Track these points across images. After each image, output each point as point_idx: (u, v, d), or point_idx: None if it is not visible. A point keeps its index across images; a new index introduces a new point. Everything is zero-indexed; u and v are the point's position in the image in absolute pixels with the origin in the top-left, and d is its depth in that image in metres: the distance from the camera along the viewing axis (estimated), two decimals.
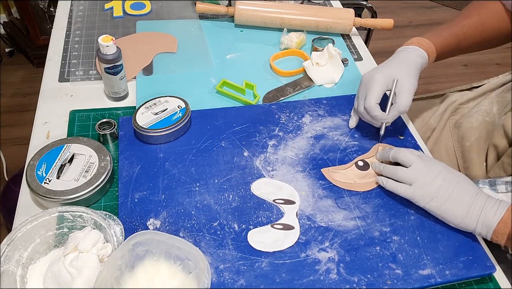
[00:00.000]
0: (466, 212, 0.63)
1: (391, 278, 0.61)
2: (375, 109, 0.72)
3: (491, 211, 0.62)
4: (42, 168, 0.68)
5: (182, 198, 0.68)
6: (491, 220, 0.61)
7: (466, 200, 0.63)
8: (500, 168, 0.80)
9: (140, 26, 1.03)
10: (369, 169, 0.74)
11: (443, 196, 0.64)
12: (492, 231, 0.61)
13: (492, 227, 0.61)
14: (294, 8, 1.02)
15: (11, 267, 0.57)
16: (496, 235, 0.62)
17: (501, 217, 0.61)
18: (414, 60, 0.74)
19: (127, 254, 0.57)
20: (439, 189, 0.64)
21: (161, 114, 0.76)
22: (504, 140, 0.81)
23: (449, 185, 0.64)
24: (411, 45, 0.77)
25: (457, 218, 0.63)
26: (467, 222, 0.63)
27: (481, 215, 0.62)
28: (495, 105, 0.87)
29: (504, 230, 0.61)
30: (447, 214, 0.64)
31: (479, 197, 0.63)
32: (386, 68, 0.74)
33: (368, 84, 0.74)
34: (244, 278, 0.60)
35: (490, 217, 0.61)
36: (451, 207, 0.63)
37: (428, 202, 0.65)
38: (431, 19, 2.73)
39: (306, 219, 0.67)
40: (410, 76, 0.73)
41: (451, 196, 0.64)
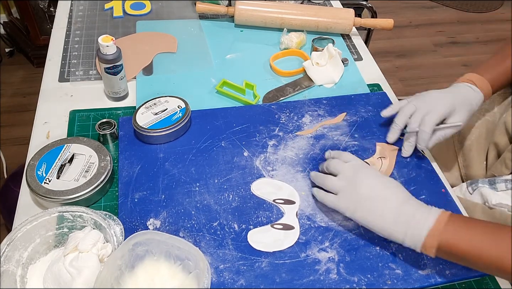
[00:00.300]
0: (391, 222, 0.59)
1: (391, 278, 0.61)
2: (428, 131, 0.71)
3: (419, 222, 0.57)
4: (42, 168, 0.68)
5: (182, 198, 0.68)
6: (419, 233, 0.57)
7: (391, 210, 0.59)
8: (501, 164, 0.79)
9: (140, 26, 1.03)
10: None
11: (366, 206, 0.60)
12: (421, 245, 0.57)
13: (420, 241, 0.57)
14: (294, 8, 1.02)
15: (11, 267, 0.57)
16: (424, 248, 0.58)
17: (429, 230, 0.57)
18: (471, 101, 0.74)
19: (127, 254, 0.57)
20: (362, 199, 0.60)
21: (161, 114, 0.76)
22: (505, 137, 0.81)
23: (374, 194, 0.60)
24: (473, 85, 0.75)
25: (383, 228, 0.59)
26: (395, 234, 0.59)
27: (409, 226, 0.58)
28: (496, 103, 0.87)
29: (432, 242, 0.57)
30: (373, 225, 0.60)
31: (407, 206, 0.59)
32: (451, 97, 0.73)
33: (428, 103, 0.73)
34: (244, 278, 0.60)
35: (418, 229, 0.57)
36: (377, 218, 0.60)
37: (352, 212, 0.61)
38: (431, 19, 2.73)
39: (306, 219, 0.67)
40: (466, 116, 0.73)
41: (375, 205, 0.60)
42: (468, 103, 0.73)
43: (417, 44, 2.51)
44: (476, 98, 0.74)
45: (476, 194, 0.75)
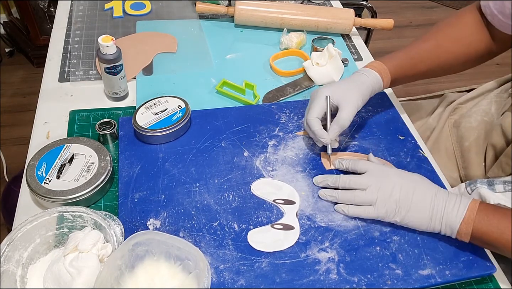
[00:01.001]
0: (429, 217, 0.63)
1: (391, 278, 0.61)
2: (315, 123, 0.71)
3: (453, 211, 0.62)
4: (42, 168, 0.68)
5: (182, 198, 0.68)
6: (454, 221, 0.62)
7: (427, 205, 0.63)
8: (498, 168, 0.80)
9: (140, 26, 1.03)
10: None
11: (404, 207, 0.64)
12: (456, 232, 0.62)
13: (456, 228, 0.62)
14: (294, 8, 1.02)
15: (11, 267, 0.57)
16: (460, 235, 0.62)
17: (463, 218, 0.61)
18: (364, 82, 0.74)
19: (127, 254, 0.57)
20: (399, 202, 0.64)
21: (161, 115, 0.76)
22: (502, 139, 0.81)
23: (407, 194, 0.64)
24: (364, 68, 0.77)
25: (423, 224, 0.64)
26: (433, 226, 0.63)
27: (444, 217, 0.62)
28: (494, 105, 0.87)
29: (467, 229, 0.61)
30: (413, 223, 0.64)
31: (438, 198, 0.63)
32: (331, 86, 0.74)
33: (312, 100, 0.74)
34: (244, 278, 0.60)
35: (453, 218, 0.62)
36: (415, 216, 0.64)
37: (392, 217, 0.65)
38: (431, 19, 2.73)
39: (306, 219, 0.67)
40: (354, 95, 0.72)
41: (411, 205, 0.64)
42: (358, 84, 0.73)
43: None
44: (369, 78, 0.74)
45: (475, 194, 0.75)
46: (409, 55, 0.78)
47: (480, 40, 0.78)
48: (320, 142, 0.73)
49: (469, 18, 0.79)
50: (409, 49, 0.79)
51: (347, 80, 0.75)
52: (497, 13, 0.73)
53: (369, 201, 0.66)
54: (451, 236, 0.63)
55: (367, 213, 0.66)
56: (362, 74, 0.75)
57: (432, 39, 0.79)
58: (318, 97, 0.73)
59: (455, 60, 0.79)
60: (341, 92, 0.72)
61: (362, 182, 0.67)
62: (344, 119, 0.70)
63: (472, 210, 0.62)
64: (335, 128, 0.71)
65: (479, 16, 0.78)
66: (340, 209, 0.68)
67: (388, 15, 2.52)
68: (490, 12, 0.75)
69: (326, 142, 0.71)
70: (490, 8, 0.74)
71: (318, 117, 0.72)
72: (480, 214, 0.61)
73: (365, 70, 0.76)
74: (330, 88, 0.73)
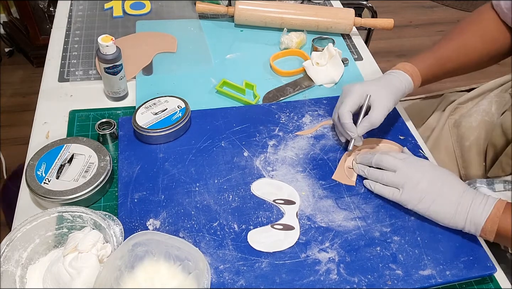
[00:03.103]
0: (454, 212, 0.63)
1: (391, 278, 0.61)
2: (346, 116, 0.72)
3: (479, 209, 0.62)
4: (41, 168, 0.68)
5: (182, 198, 0.68)
6: (479, 218, 0.62)
7: (453, 200, 0.64)
8: (498, 167, 0.80)
9: (140, 26, 1.03)
10: None
11: (430, 198, 0.64)
12: (481, 229, 0.62)
13: (480, 225, 0.62)
14: (294, 8, 1.02)
15: (10, 268, 0.57)
16: (484, 233, 0.62)
17: (488, 215, 0.61)
18: (397, 84, 0.75)
19: (126, 254, 0.56)
20: (425, 191, 0.65)
21: (161, 114, 0.76)
22: (502, 139, 0.81)
23: (435, 186, 0.65)
24: (397, 70, 0.77)
25: (446, 217, 0.64)
26: (456, 221, 0.64)
27: (469, 213, 0.63)
28: (494, 105, 0.87)
29: (492, 227, 0.61)
30: (436, 215, 0.65)
31: (466, 195, 0.64)
32: (367, 84, 0.74)
33: (346, 94, 0.75)
34: (244, 279, 0.60)
35: (478, 215, 0.62)
36: (439, 208, 0.64)
37: (416, 204, 0.65)
38: (431, 19, 2.73)
39: (306, 219, 0.67)
40: (387, 96, 0.73)
41: (438, 197, 0.64)
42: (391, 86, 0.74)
43: (417, 44, 2.51)
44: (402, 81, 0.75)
45: None
46: (437, 55, 0.79)
47: (504, 36, 0.79)
48: (345, 136, 0.74)
49: (490, 15, 0.80)
50: (436, 50, 0.80)
51: (382, 81, 0.76)
52: (507, 11, 0.75)
53: (396, 183, 0.67)
54: (475, 234, 0.63)
55: (392, 194, 0.67)
56: (397, 78, 0.75)
57: (457, 37, 0.80)
58: (354, 92, 0.73)
59: (481, 57, 0.80)
60: (375, 92, 0.73)
61: (394, 163, 0.67)
62: (375, 118, 0.71)
63: (498, 208, 0.61)
64: (365, 126, 0.72)
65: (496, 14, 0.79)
66: (367, 184, 0.70)
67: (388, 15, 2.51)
68: (501, 11, 0.77)
69: (353, 137, 0.72)
70: (501, 7, 0.76)
71: (351, 111, 0.73)
72: (507, 213, 0.61)
73: (399, 73, 0.76)
74: (366, 86, 0.74)
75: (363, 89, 0.73)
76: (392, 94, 0.73)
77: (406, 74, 0.76)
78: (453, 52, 0.79)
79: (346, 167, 0.74)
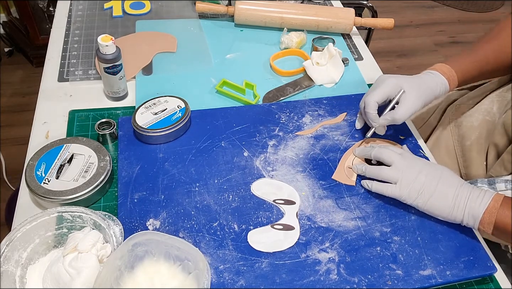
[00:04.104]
0: (452, 205, 0.64)
1: (391, 278, 0.61)
2: (372, 106, 0.73)
3: (477, 201, 0.63)
4: (41, 168, 0.68)
5: (182, 198, 0.68)
6: (477, 210, 0.62)
7: (451, 193, 0.64)
8: (500, 166, 0.79)
9: (140, 26, 1.03)
10: None
11: (428, 191, 0.65)
12: (479, 221, 0.62)
13: (479, 217, 0.62)
14: (294, 8, 1.02)
15: (10, 268, 0.57)
16: (482, 225, 0.63)
17: (487, 207, 0.62)
18: (432, 86, 0.75)
19: (126, 254, 0.56)
20: (423, 185, 0.65)
21: (160, 114, 0.76)
22: (504, 138, 0.81)
23: (433, 180, 0.65)
24: (435, 71, 0.77)
25: (444, 211, 0.64)
26: (455, 215, 0.64)
27: (467, 206, 0.63)
28: (495, 104, 0.87)
29: (490, 219, 0.62)
30: (434, 209, 0.65)
31: (463, 189, 0.64)
32: (403, 79, 0.75)
33: (378, 84, 0.75)
34: (244, 279, 0.60)
35: (476, 207, 0.62)
36: (437, 202, 0.64)
37: (415, 199, 0.66)
38: (431, 19, 2.73)
39: (306, 219, 0.67)
40: (418, 97, 0.73)
41: (436, 190, 0.65)
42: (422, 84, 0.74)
43: (418, 44, 2.51)
44: (436, 82, 0.75)
45: None
46: (475, 58, 0.79)
47: None
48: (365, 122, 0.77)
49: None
50: (474, 52, 0.80)
51: (418, 80, 0.75)
52: None
53: (394, 178, 0.66)
54: (473, 227, 0.64)
55: (390, 190, 0.67)
56: (433, 80, 0.75)
57: (495, 39, 0.80)
58: (386, 84, 0.73)
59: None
60: (408, 89, 0.73)
61: (393, 157, 0.68)
62: (400, 115, 0.72)
63: (496, 200, 0.62)
64: (387, 119, 0.73)
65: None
66: (365, 184, 0.70)
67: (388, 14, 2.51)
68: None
69: (374, 126, 0.74)
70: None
71: (378, 102, 0.73)
72: (505, 205, 0.62)
73: (437, 75, 0.76)
74: (401, 80, 0.74)
75: (397, 83, 0.73)
76: (424, 96, 0.73)
77: (443, 77, 0.76)
78: (491, 54, 0.79)
79: (346, 167, 0.74)
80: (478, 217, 0.62)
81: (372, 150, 0.71)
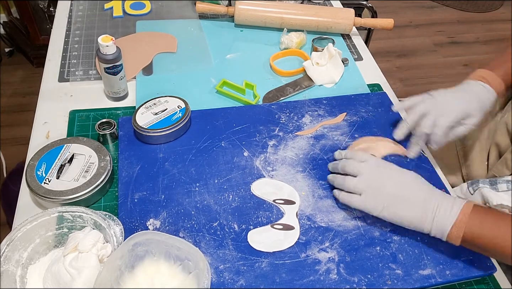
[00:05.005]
0: (419, 216, 0.61)
1: (391, 278, 0.61)
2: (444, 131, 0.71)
3: (445, 214, 0.60)
4: (41, 168, 0.68)
5: (182, 198, 0.68)
6: (444, 224, 0.60)
7: (418, 204, 0.61)
8: (502, 165, 0.79)
9: (140, 26, 1.03)
10: None
11: (394, 203, 0.62)
12: (446, 235, 0.60)
13: (446, 231, 0.60)
14: (294, 8, 1.02)
15: (10, 267, 0.57)
16: (450, 238, 0.60)
17: (454, 221, 0.59)
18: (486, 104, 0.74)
19: (126, 254, 0.56)
20: (388, 197, 0.62)
21: (161, 114, 0.76)
22: (506, 138, 0.81)
23: (400, 191, 0.62)
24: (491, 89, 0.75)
25: (412, 223, 0.62)
26: (422, 227, 0.61)
27: (435, 218, 0.60)
28: (497, 104, 0.87)
29: (457, 233, 0.59)
30: (401, 221, 0.62)
31: (432, 199, 0.61)
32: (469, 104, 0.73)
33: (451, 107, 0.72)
34: (244, 278, 0.60)
35: (443, 221, 0.60)
36: (404, 213, 0.62)
37: (380, 210, 0.62)
38: (431, 19, 2.73)
39: (306, 219, 0.67)
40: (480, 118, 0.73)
41: (402, 202, 0.62)
42: (481, 103, 0.73)
43: (417, 44, 2.51)
44: (489, 97, 0.74)
45: (477, 194, 0.74)
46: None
47: None
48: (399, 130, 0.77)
49: None
50: None
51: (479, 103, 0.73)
52: None
53: (358, 189, 0.63)
54: (441, 238, 0.61)
55: (353, 201, 0.64)
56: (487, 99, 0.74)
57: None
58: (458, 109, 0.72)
59: None
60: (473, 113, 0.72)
61: (358, 167, 0.65)
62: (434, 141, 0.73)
63: (464, 213, 0.59)
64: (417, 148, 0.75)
65: None
66: (335, 193, 0.68)
67: (388, 15, 2.52)
68: None
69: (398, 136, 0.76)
70: None
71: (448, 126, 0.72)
72: (473, 217, 0.59)
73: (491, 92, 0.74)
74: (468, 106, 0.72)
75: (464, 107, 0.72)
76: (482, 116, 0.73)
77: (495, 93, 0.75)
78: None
79: None
80: (446, 231, 0.60)
81: (339, 163, 0.69)
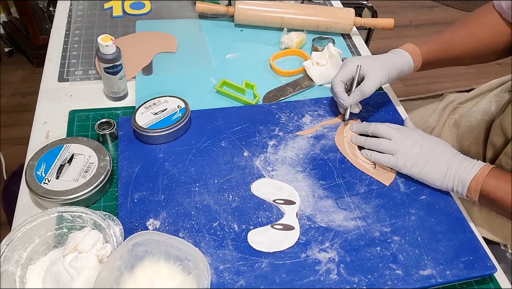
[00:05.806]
0: (444, 174, 0.68)
1: (391, 278, 0.61)
2: (337, 86, 0.77)
3: (466, 170, 0.67)
4: (41, 168, 0.68)
5: (182, 198, 0.68)
6: (465, 178, 0.67)
7: (443, 163, 0.69)
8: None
9: (140, 26, 1.03)
10: None
11: (422, 161, 0.70)
12: (467, 188, 0.67)
13: (467, 184, 0.67)
14: (294, 8, 1.02)
15: (10, 268, 0.57)
16: (470, 192, 0.67)
17: (474, 175, 0.67)
18: (395, 62, 0.78)
19: (126, 254, 0.56)
20: (418, 156, 0.70)
21: (160, 114, 0.76)
22: (501, 138, 0.81)
23: (427, 151, 0.70)
24: (398, 49, 0.81)
25: (437, 179, 0.69)
26: (446, 183, 0.69)
27: (457, 174, 0.68)
28: (494, 104, 0.87)
29: (476, 187, 0.66)
30: (428, 177, 0.70)
31: (456, 158, 0.69)
32: (362, 58, 0.79)
33: (341, 66, 0.79)
34: (244, 279, 0.60)
35: (465, 175, 0.67)
36: (431, 171, 0.69)
37: (410, 168, 0.70)
38: (431, 19, 2.73)
39: (306, 219, 0.67)
40: (381, 69, 0.76)
41: (429, 160, 0.69)
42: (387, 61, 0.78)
43: None
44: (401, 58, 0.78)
45: None
46: (442, 40, 0.82)
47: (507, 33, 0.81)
48: (340, 105, 0.80)
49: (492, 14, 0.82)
50: (442, 35, 0.83)
51: (380, 56, 0.79)
52: (508, 10, 0.78)
53: (391, 150, 0.72)
54: (462, 194, 0.68)
55: (387, 160, 0.72)
56: (396, 55, 0.79)
57: (464, 26, 0.83)
58: (348, 64, 0.78)
59: (486, 48, 0.83)
60: (370, 65, 0.77)
61: (390, 132, 0.73)
62: (366, 87, 0.76)
63: (484, 170, 0.67)
64: (357, 95, 0.77)
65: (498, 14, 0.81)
66: (364, 153, 0.75)
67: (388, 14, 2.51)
68: (502, 11, 0.79)
69: (346, 105, 0.77)
70: (502, 6, 0.79)
71: (343, 81, 0.78)
72: (491, 174, 0.66)
73: (398, 51, 0.80)
74: (360, 59, 0.79)
75: (356, 62, 0.78)
76: (387, 68, 0.77)
77: (406, 52, 0.79)
78: (457, 39, 0.82)
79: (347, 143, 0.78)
80: (466, 184, 0.67)
81: (369, 125, 0.76)
